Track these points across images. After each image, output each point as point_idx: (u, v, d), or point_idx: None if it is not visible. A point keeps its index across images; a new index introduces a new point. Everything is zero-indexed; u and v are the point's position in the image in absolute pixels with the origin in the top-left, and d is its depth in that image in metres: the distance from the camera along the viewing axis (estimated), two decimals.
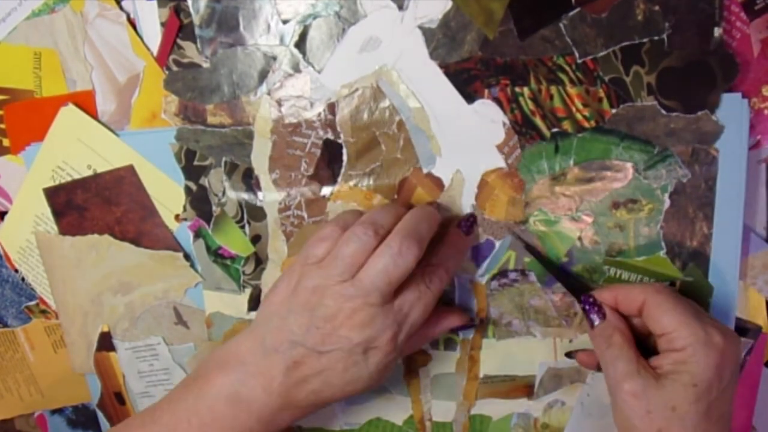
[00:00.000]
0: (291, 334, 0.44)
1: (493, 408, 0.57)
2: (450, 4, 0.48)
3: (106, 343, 0.59)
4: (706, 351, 0.42)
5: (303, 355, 0.43)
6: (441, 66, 0.50)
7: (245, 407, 0.44)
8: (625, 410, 0.44)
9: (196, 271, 0.56)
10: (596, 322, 0.47)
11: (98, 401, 0.62)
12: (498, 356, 0.55)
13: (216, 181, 0.53)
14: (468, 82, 0.50)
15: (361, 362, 0.43)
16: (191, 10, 0.51)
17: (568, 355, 0.53)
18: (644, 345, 0.46)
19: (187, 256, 0.55)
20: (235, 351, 0.46)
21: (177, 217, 0.54)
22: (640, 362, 0.44)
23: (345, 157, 0.52)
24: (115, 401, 0.61)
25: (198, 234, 0.55)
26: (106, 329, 0.58)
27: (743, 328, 0.54)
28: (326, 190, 0.52)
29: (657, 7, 0.47)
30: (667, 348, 0.43)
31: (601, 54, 0.48)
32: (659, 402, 0.42)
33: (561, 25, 0.48)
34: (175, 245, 0.55)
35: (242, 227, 0.54)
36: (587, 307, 0.47)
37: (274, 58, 0.51)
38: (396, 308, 0.44)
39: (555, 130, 0.50)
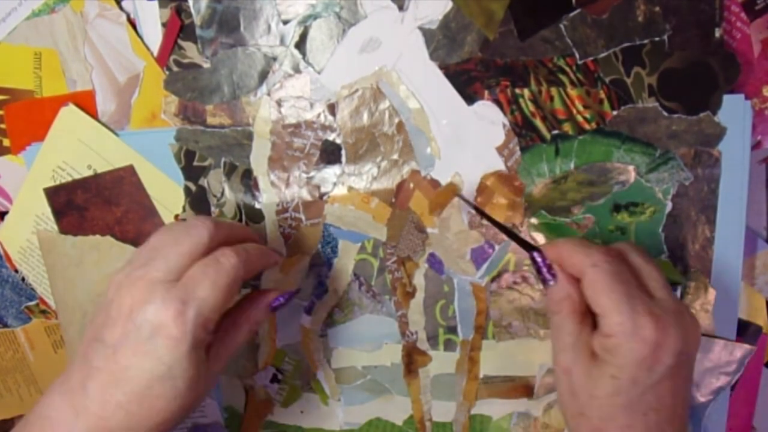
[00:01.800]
0: (94, 333, 0.40)
1: (493, 408, 0.57)
2: (450, 5, 0.48)
3: None
4: (631, 344, 0.38)
5: (102, 356, 0.39)
6: (441, 67, 0.50)
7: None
8: (557, 382, 0.42)
9: None
10: (549, 283, 0.42)
11: None
12: (498, 357, 0.55)
13: (215, 181, 0.53)
14: (468, 83, 0.50)
15: (152, 352, 0.38)
16: (192, 10, 0.51)
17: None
18: None
19: None
20: (67, 367, 0.42)
21: (176, 217, 0.54)
22: (580, 337, 0.41)
23: (344, 159, 0.51)
24: None
25: None
26: None
27: (743, 328, 0.54)
28: (324, 192, 0.52)
29: (657, 8, 0.47)
30: (601, 330, 0.40)
31: (602, 55, 0.48)
32: (583, 385, 0.40)
33: (561, 26, 0.48)
34: None
35: None
36: (540, 265, 0.42)
37: (275, 59, 0.51)
38: (180, 284, 0.39)
39: (555, 132, 0.49)
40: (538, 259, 0.42)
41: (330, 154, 0.52)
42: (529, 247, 0.43)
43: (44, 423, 0.39)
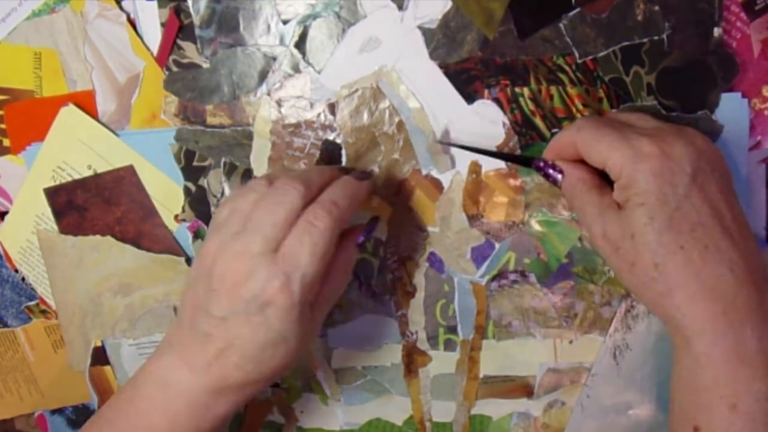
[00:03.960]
0: (197, 303, 0.41)
1: (493, 408, 0.57)
2: (450, 5, 0.48)
3: (99, 357, 0.59)
4: (638, 166, 0.38)
5: (211, 324, 0.40)
6: (441, 66, 0.50)
7: (174, 391, 0.42)
8: (602, 255, 0.42)
9: None
10: (559, 178, 0.44)
11: None
12: (498, 357, 0.55)
13: (215, 181, 0.53)
14: (468, 82, 0.50)
15: (263, 323, 0.40)
16: (191, 10, 0.51)
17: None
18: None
19: (188, 261, 0.55)
20: (167, 333, 0.44)
21: (176, 217, 0.54)
22: (603, 201, 0.41)
23: (344, 158, 0.52)
24: None
25: (197, 235, 0.55)
26: (99, 344, 0.58)
27: None
28: None
29: (657, 7, 0.47)
30: (614, 180, 0.40)
31: (601, 54, 0.48)
32: (621, 234, 0.40)
33: (561, 25, 0.48)
34: (175, 246, 0.55)
35: None
36: (544, 169, 0.45)
37: (274, 59, 0.51)
38: (280, 255, 0.40)
39: (555, 130, 0.50)
40: (541, 165, 0.45)
41: (330, 153, 0.52)
42: (526, 160, 0.46)
43: (159, 382, 0.42)
